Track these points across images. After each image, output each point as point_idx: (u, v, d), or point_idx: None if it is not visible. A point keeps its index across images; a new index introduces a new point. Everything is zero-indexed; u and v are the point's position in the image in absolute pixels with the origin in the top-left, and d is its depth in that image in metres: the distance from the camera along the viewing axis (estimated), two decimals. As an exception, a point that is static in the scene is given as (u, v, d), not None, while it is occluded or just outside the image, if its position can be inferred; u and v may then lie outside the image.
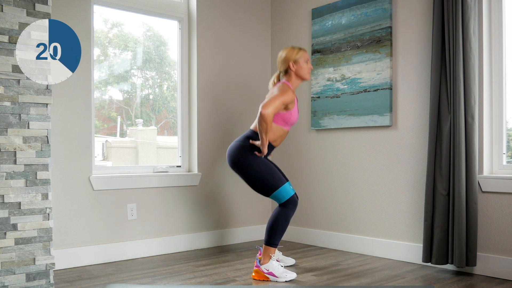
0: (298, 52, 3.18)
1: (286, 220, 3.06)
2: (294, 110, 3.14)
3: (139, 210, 3.66)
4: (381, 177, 3.62)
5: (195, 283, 2.92)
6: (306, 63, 3.20)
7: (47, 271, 2.56)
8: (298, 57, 3.17)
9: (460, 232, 2.97)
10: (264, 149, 3.02)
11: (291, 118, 3.14)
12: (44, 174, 2.57)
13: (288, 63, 3.17)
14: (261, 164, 3.06)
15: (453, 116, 3.06)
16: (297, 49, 3.19)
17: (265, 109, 2.93)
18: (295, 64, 3.17)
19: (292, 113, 3.13)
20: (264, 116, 2.93)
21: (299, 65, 3.17)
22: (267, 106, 2.94)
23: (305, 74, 3.20)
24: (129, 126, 3.97)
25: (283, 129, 3.16)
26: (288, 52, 3.18)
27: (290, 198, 3.06)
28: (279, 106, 3.00)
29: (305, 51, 3.22)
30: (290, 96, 3.05)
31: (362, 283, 2.91)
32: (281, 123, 3.13)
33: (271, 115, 2.95)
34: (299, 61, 3.17)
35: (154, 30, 4.06)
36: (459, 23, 3.02)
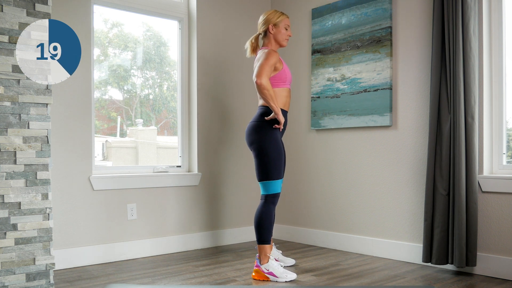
0: (280, 16, 3.20)
1: (270, 215, 3.09)
2: (284, 67, 3.17)
3: (139, 210, 3.66)
4: (381, 177, 3.62)
5: (195, 283, 2.92)
6: (286, 29, 3.21)
7: (47, 271, 2.56)
8: (278, 21, 3.18)
9: (460, 232, 2.97)
10: (280, 117, 3.03)
11: (286, 75, 3.16)
12: (44, 174, 2.57)
13: (267, 25, 3.19)
14: (274, 151, 3.07)
15: (453, 116, 3.06)
16: (279, 13, 3.21)
17: (259, 78, 2.96)
18: (274, 27, 3.19)
19: (285, 70, 3.16)
20: (262, 85, 2.95)
21: (278, 29, 3.19)
22: (259, 75, 2.97)
23: (282, 40, 3.22)
24: (129, 126, 3.97)
25: (285, 89, 3.18)
26: (269, 15, 3.20)
27: (274, 194, 3.09)
28: (269, 70, 3.02)
29: (287, 17, 3.23)
30: (274, 57, 3.07)
31: (362, 283, 2.91)
32: (280, 84, 3.15)
33: (266, 81, 2.97)
34: (279, 25, 3.19)
35: (154, 30, 4.06)
36: (459, 23, 3.02)
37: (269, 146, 3.07)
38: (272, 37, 3.20)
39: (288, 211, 4.31)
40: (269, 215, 3.08)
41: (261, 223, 3.07)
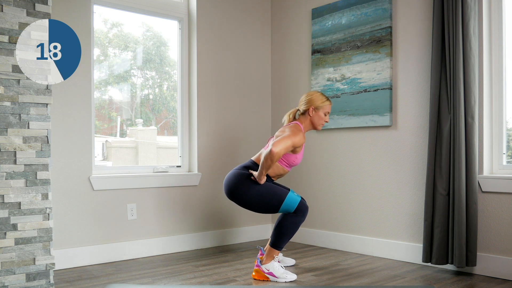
0: (324, 102, 3.19)
1: (296, 226, 3.05)
2: (300, 153, 3.17)
3: (139, 210, 3.66)
4: (381, 177, 3.62)
5: (195, 283, 2.92)
6: (325, 115, 3.22)
7: (47, 271, 2.56)
8: (321, 106, 3.18)
9: (460, 232, 2.97)
10: (261, 181, 3.03)
11: (295, 161, 3.17)
12: (44, 174, 2.57)
13: (309, 107, 3.18)
14: (259, 187, 3.05)
15: (453, 116, 3.06)
16: (325, 98, 3.21)
17: (276, 148, 2.92)
18: (315, 110, 3.18)
19: (298, 156, 3.16)
20: (273, 154, 2.92)
21: (318, 113, 3.19)
22: (278, 145, 2.94)
23: (318, 125, 3.23)
24: (129, 126, 3.97)
25: (284, 169, 3.19)
26: (315, 97, 3.20)
27: (299, 205, 3.04)
28: (289, 147, 3.01)
29: (330, 103, 3.23)
30: (300, 140, 3.07)
31: (362, 283, 2.91)
32: (284, 164, 3.16)
33: (280, 155, 2.95)
34: (319, 110, 3.19)
35: (154, 30, 4.06)
36: (459, 23, 3.02)
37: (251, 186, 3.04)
38: (310, 119, 3.21)
39: (288, 211, 4.31)
40: (295, 225, 3.04)
41: (285, 231, 3.03)
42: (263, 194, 3.03)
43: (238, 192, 3.08)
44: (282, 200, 3.02)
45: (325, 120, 3.23)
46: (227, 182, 3.14)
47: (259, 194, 3.04)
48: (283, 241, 3.04)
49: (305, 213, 3.06)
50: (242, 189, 3.06)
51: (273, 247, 3.05)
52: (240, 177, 3.08)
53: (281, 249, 3.06)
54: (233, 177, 3.12)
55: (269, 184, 3.08)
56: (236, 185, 3.08)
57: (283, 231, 3.02)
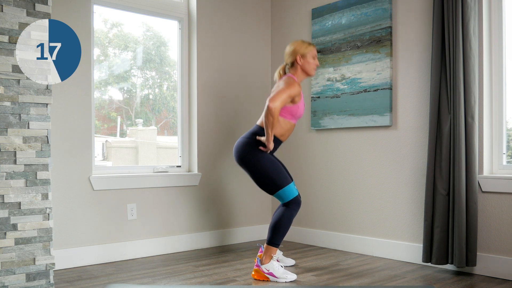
0: (308, 47, 3.17)
1: (289, 221, 3.06)
2: (300, 103, 3.14)
3: (139, 210, 3.66)
4: (381, 177, 3.62)
5: (195, 283, 2.92)
6: (313, 58, 3.20)
7: (47, 271, 2.56)
8: (306, 51, 3.16)
9: (460, 232, 2.97)
10: (269, 144, 3.01)
11: (298, 111, 3.14)
12: (44, 174, 2.57)
13: (295, 56, 3.16)
14: (268, 162, 3.05)
15: (453, 116, 3.06)
16: (307, 43, 3.19)
17: (273, 103, 2.92)
18: (302, 58, 3.16)
19: (299, 106, 3.13)
20: (271, 109, 2.92)
21: (306, 59, 3.17)
22: (274, 100, 2.93)
23: (310, 70, 3.20)
24: (129, 126, 3.97)
25: (290, 123, 3.16)
26: (297, 46, 3.18)
27: (293, 199, 3.06)
28: (286, 99, 2.99)
29: (314, 47, 3.21)
30: (296, 89, 3.05)
31: (362, 283, 2.91)
32: (288, 116, 3.13)
33: (278, 109, 2.95)
34: (307, 56, 3.16)
35: (154, 30, 4.06)
36: (459, 23, 3.02)
37: (261, 160, 3.04)
38: (300, 68, 3.18)
39: (288, 211, 4.31)
40: (289, 220, 3.05)
41: (279, 226, 3.04)
42: (269, 171, 3.03)
43: (247, 161, 3.07)
44: (282, 186, 3.03)
45: (315, 63, 3.21)
46: (236, 151, 3.13)
47: (266, 169, 3.03)
48: (278, 237, 3.04)
49: (297, 208, 3.08)
50: (252, 159, 3.05)
51: (270, 244, 3.05)
52: (248, 146, 3.07)
53: (278, 246, 3.06)
54: (241, 146, 3.10)
55: (278, 165, 3.08)
56: (245, 154, 3.07)
57: (278, 227, 3.04)
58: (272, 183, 3.04)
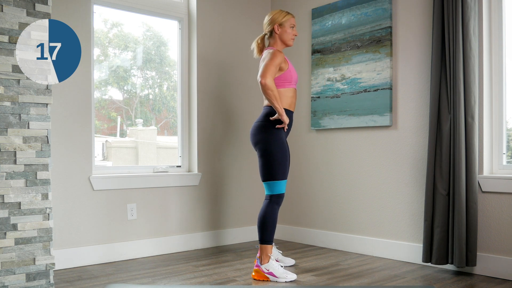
0: (286, 15, 3.19)
1: (273, 216, 3.09)
2: (290, 67, 3.16)
3: (139, 210, 3.66)
4: (381, 177, 3.62)
5: (195, 283, 2.92)
6: (292, 28, 3.20)
7: (47, 271, 2.56)
8: (284, 20, 3.17)
9: (460, 232, 2.97)
10: (284, 117, 3.02)
11: (291, 75, 3.15)
12: (44, 174, 2.57)
13: (273, 25, 3.18)
14: (279, 151, 3.07)
15: (453, 116, 3.06)
16: (285, 13, 3.20)
17: (264, 78, 2.95)
18: (280, 27, 3.18)
19: (290, 70, 3.15)
20: (266, 85, 2.94)
21: (284, 28, 3.18)
22: (264, 75, 2.96)
23: (288, 39, 3.21)
24: (129, 126, 3.97)
25: (290, 90, 3.17)
26: (274, 15, 3.19)
27: (279, 194, 3.09)
28: (274, 70, 3.01)
29: (292, 16, 3.22)
30: (279, 57, 3.06)
31: (362, 283, 2.91)
32: (286, 84, 3.14)
33: (271, 81, 2.97)
34: (285, 25, 3.18)
35: (154, 30, 4.06)
36: (459, 23, 3.02)
37: (274, 147, 3.06)
38: (278, 37, 3.20)
39: (288, 211, 4.31)
40: (273, 215, 3.08)
41: (265, 223, 3.07)
42: (275, 159, 3.05)
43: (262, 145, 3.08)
44: (276, 177, 3.06)
45: (293, 33, 3.22)
46: (252, 134, 3.16)
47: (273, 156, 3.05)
48: (267, 234, 3.06)
49: (279, 204, 3.11)
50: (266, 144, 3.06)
51: (262, 243, 3.06)
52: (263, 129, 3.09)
53: (270, 243, 3.06)
54: (257, 130, 3.12)
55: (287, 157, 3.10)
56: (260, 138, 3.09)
57: (264, 224, 3.07)
58: (270, 171, 3.06)
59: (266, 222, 3.07)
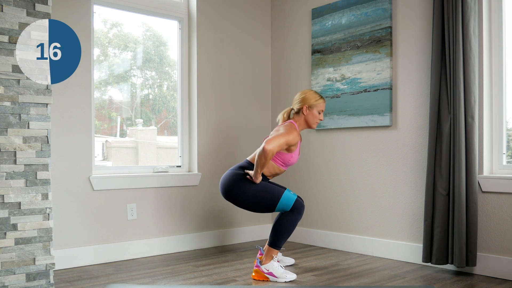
0: (318, 100, 3.19)
1: (293, 224, 3.05)
2: (295, 152, 3.16)
3: (139, 210, 3.66)
4: (381, 177, 3.62)
5: (195, 283, 2.92)
6: (319, 113, 3.21)
7: (47, 271, 2.56)
8: (314, 104, 3.18)
9: (460, 232, 2.97)
10: (256, 180, 3.03)
11: (291, 160, 3.16)
12: (44, 174, 2.57)
13: (303, 106, 3.18)
14: (255, 186, 3.06)
15: (453, 116, 3.06)
16: (318, 96, 3.20)
17: (269, 145, 2.93)
18: (309, 109, 3.18)
19: (293, 155, 3.15)
20: (266, 151, 2.92)
21: (312, 112, 3.19)
22: (271, 142, 2.94)
23: (313, 123, 3.22)
24: (129, 126, 3.97)
25: (279, 169, 3.19)
26: (308, 95, 3.20)
27: (295, 204, 3.05)
28: (282, 144, 3.00)
29: (324, 102, 3.23)
30: (295, 138, 3.06)
31: (362, 283, 2.91)
32: (279, 163, 3.15)
33: (273, 152, 2.95)
34: (313, 109, 3.19)
35: (153, 30, 4.06)
36: (459, 23, 3.02)
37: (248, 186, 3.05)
38: (304, 118, 3.21)
39: (288, 211, 4.31)
40: (292, 224, 3.04)
41: (282, 230, 3.03)
42: (259, 193, 3.03)
43: (235, 193, 3.08)
44: (278, 199, 3.02)
45: (319, 118, 3.22)
46: (223, 183, 3.15)
47: (255, 193, 3.04)
48: (281, 240, 3.04)
49: (302, 211, 3.07)
50: (238, 189, 3.07)
51: (271, 246, 3.05)
52: (236, 177, 3.09)
53: (279, 248, 3.06)
54: (229, 177, 3.12)
55: (265, 184, 3.08)
56: (232, 185, 3.08)
57: (281, 230, 3.03)
58: (267, 202, 3.04)
59: (283, 229, 3.03)
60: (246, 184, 3.06)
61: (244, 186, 3.06)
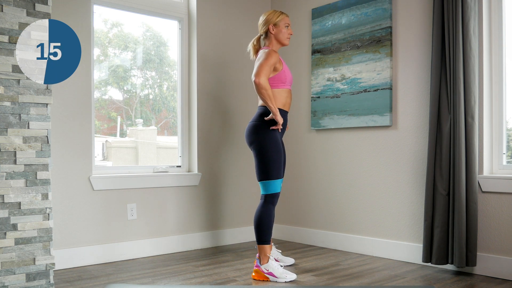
0: (280, 15, 3.19)
1: (269, 216, 3.08)
2: (284, 68, 3.16)
3: (139, 210, 3.66)
4: (381, 177, 3.62)
5: (195, 283, 2.92)
6: (287, 27, 3.21)
7: (47, 271, 2.56)
8: (278, 20, 3.18)
9: (460, 232, 2.97)
10: (278, 117, 3.02)
11: (285, 75, 3.16)
12: (44, 174, 2.57)
13: (268, 26, 3.19)
14: (274, 151, 3.07)
15: (453, 116, 3.06)
16: (279, 12, 3.21)
17: (258, 77, 2.95)
18: (275, 27, 3.18)
19: (285, 71, 3.16)
20: (259, 84, 2.95)
21: (279, 28, 3.19)
22: (258, 74, 2.96)
23: (284, 39, 3.22)
24: (129, 126, 3.97)
25: (285, 90, 3.17)
26: (269, 15, 3.20)
27: (274, 193, 3.08)
28: (268, 69, 3.01)
29: (286, 16, 3.22)
30: (274, 57, 3.06)
31: (362, 283, 2.91)
32: (280, 84, 3.14)
33: (265, 80, 2.97)
34: (279, 25, 3.18)
35: (154, 30, 4.06)
36: (459, 23, 3.02)
37: (269, 146, 3.06)
38: (273, 37, 3.20)
39: (288, 211, 4.31)
40: (268, 215, 3.08)
41: (261, 223, 3.07)
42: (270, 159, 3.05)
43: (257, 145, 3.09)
44: (271, 177, 3.06)
45: (289, 32, 3.22)
46: (247, 134, 3.17)
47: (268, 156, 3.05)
48: (264, 234, 3.06)
49: (274, 203, 3.10)
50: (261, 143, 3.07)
51: (260, 243, 3.06)
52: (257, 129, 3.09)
53: (268, 243, 3.06)
54: (251, 130, 3.13)
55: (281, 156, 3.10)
56: (254, 138, 3.10)
57: (260, 224, 3.06)
58: (265, 170, 3.06)
59: (261, 222, 3.06)
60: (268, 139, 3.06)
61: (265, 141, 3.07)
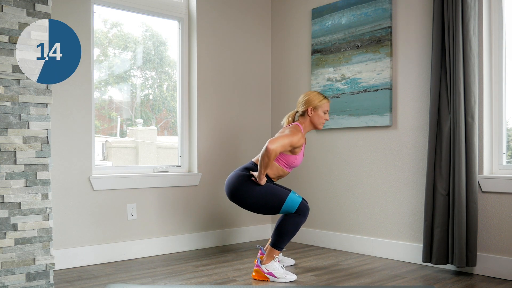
0: (322, 100, 3.18)
1: (297, 227, 3.03)
2: (299, 155, 3.15)
3: (139, 210, 3.66)
4: (381, 177, 3.62)
5: (195, 283, 2.92)
6: (324, 113, 3.20)
7: (47, 271, 2.56)
8: (319, 105, 3.16)
9: (460, 232, 2.97)
10: (261, 181, 3.02)
11: (295, 162, 3.15)
12: (44, 174, 2.57)
13: (307, 107, 3.17)
14: (260, 188, 3.05)
15: (453, 116, 3.06)
16: (322, 97, 3.19)
17: (272, 144, 2.92)
18: (313, 110, 3.17)
19: (297, 157, 3.14)
20: (269, 151, 2.91)
21: (317, 112, 3.17)
22: (274, 142, 2.94)
23: (318, 124, 3.20)
24: (129, 126, 3.97)
25: (283, 170, 3.18)
26: (312, 96, 3.18)
27: (300, 206, 3.03)
28: (286, 145, 2.99)
29: (328, 101, 3.21)
30: (299, 140, 3.06)
31: (362, 283, 2.91)
32: (283, 164, 3.15)
33: (276, 152, 2.94)
34: (318, 109, 3.17)
35: (153, 30, 4.06)
36: (459, 23, 3.02)
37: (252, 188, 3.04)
38: (309, 119, 3.19)
39: (288, 211, 4.31)
40: (296, 226, 3.02)
41: (286, 231, 3.01)
42: (264, 195, 3.03)
43: (240, 194, 3.08)
44: (283, 201, 3.01)
45: (325, 118, 3.21)
46: (228, 184, 3.14)
47: (260, 195, 3.03)
48: (283, 241, 3.03)
49: (306, 214, 3.05)
50: (243, 191, 3.06)
51: (273, 247, 3.05)
52: (241, 179, 3.09)
53: (281, 250, 3.06)
54: (234, 178, 3.12)
55: (270, 185, 3.08)
56: (237, 186, 3.08)
57: (284, 232, 3.02)
58: (272, 204, 3.03)
59: (287, 231, 3.01)
60: (251, 185, 3.05)
61: (249, 187, 3.05)
